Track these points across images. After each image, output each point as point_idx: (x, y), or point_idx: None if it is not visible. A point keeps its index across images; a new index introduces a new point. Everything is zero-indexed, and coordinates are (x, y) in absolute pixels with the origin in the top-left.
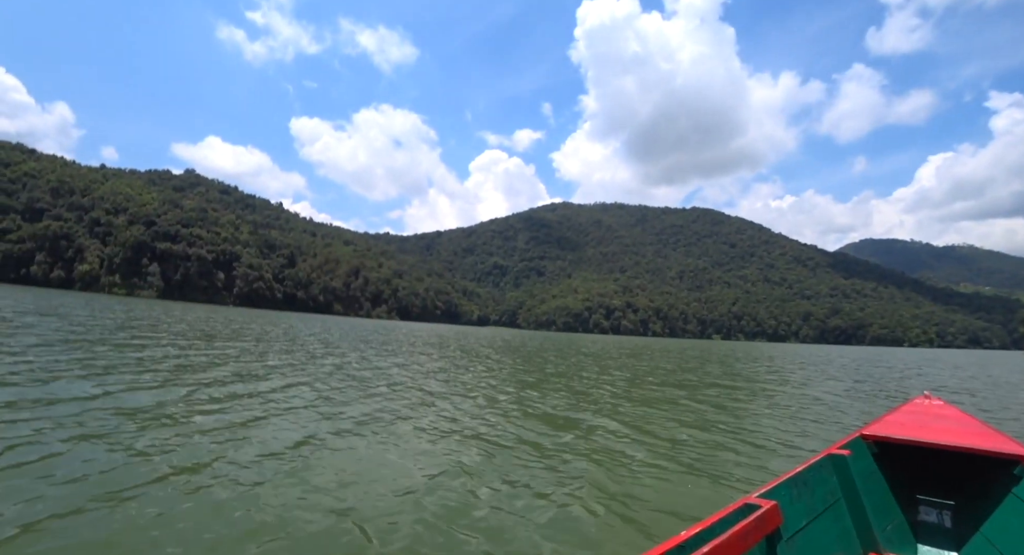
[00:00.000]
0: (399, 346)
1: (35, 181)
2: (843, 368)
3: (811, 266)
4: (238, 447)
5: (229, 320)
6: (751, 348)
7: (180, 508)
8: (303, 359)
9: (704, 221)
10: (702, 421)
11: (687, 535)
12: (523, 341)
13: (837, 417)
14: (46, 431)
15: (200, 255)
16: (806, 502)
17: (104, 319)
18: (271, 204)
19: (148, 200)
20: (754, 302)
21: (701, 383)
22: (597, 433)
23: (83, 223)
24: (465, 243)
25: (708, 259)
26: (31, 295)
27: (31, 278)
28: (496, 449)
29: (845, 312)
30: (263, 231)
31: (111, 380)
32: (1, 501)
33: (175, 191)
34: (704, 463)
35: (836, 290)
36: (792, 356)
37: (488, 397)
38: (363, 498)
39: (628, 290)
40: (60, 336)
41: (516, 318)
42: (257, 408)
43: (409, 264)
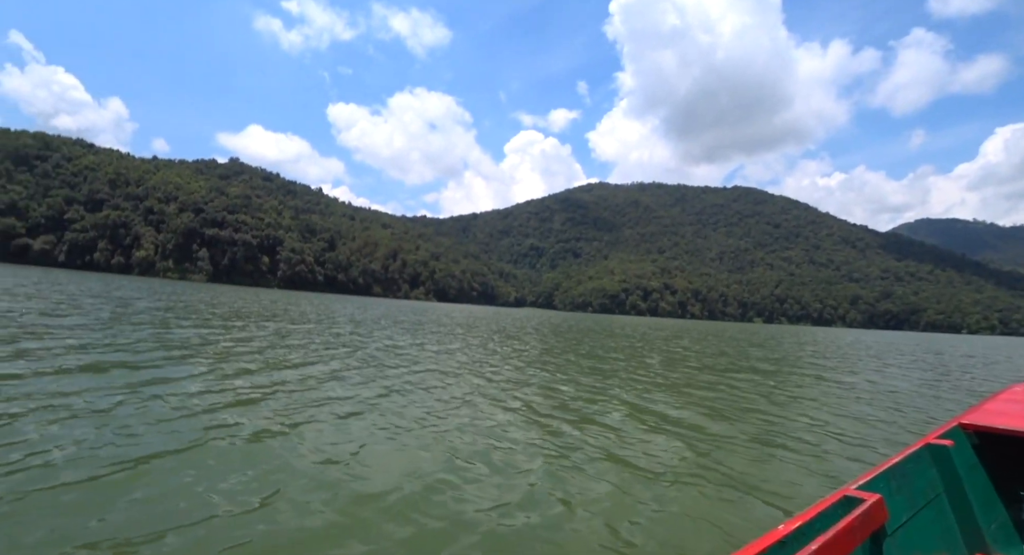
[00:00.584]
0: (444, 327)
1: (94, 173)
2: (905, 354)
3: (860, 247)
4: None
5: (293, 302)
6: (798, 332)
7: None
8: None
9: (746, 200)
10: (755, 409)
11: (786, 530)
12: (560, 322)
13: (915, 407)
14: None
15: (246, 240)
16: (907, 496)
17: (174, 301)
18: (311, 189)
19: (196, 188)
20: (798, 285)
21: (757, 369)
22: (648, 421)
23: (138, 212)
24: (501, 225)
25: (750, 240)
26: (93, 280)
27: (95, 264)
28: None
29: (897, 296)
30: (304, 216)
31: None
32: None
33: (221, 179)
34: (765, 457)
35: (888, 273)
36: (849, 342)
37: (521, 378)
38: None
39: (666, 271)
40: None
41: (552, 300)
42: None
43: (445, 246)
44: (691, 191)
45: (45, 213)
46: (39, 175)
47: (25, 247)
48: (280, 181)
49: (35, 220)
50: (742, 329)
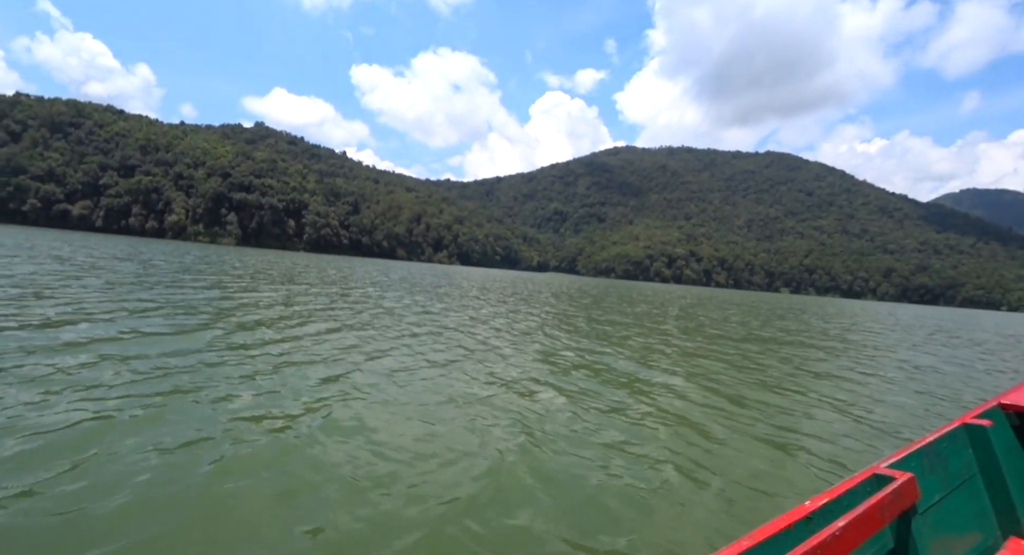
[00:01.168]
0: (460, 289)
1: (125, 139)
2: (943, 330)
3: (898, 218)
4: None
5: (326, 267)
6: (828, 304)
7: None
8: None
9: (778, 166)
10: (786, 384)
11: (813, 506)
12: (580, 288)
13: (950, 387)
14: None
15: (272, 204)
16: (940, 476)
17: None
18: (335, 153)
19: (223, 153)
20: (829, 255)
21: (795, 341)
22: (669, 392)
23: (169, 177)
24: (525, 189)
25: (781, 207)
26: (126, 243)
27: (130, 228)
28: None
29: (934, 269)
30: (329, 180)
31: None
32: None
33: (247, 143)
34: (798, 434)
35: (926, 245)
36: (883, 316)
37: (543, 347)
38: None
39: (692, 238)
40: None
41: (575, 265)
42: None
43: (469, 210)
44: (721, 156)
45: (81, 179)
46: (73, 142)
47: (65, 212)
48: (305, 145)
49: (73, 186)
50: (767, 299)
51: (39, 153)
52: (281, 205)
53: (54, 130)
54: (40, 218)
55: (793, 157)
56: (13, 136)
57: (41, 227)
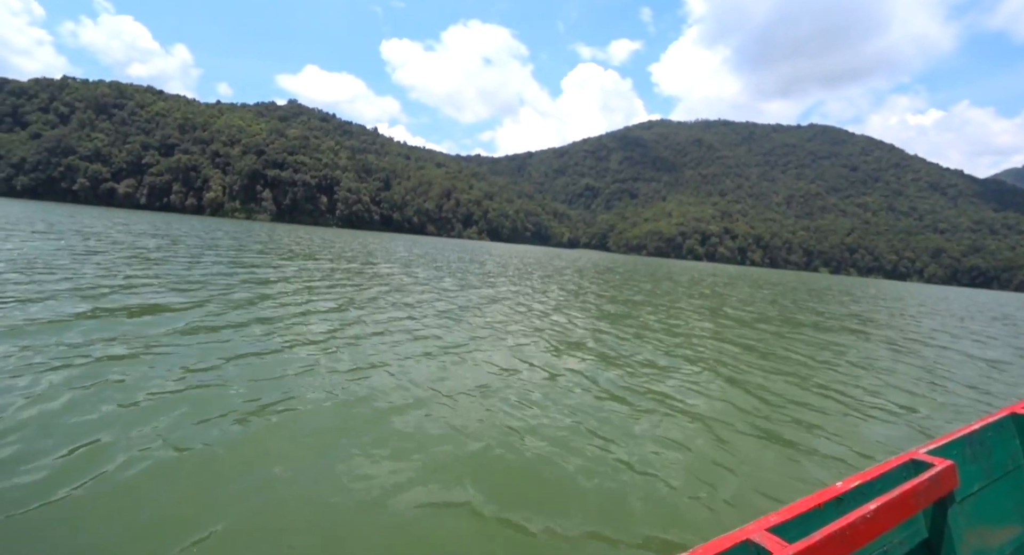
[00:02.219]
0: (482, 264)
1: (165, 119)
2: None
3: (951, 195)
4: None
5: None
6: (869, 285)
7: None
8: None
9: (821, 140)
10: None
11: (845, 488)
12: (608, 265)
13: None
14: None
15: (305, 181)
16: (982, 465)
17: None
18: (367, 129)
19: (257, 131)
20: (873, 234)
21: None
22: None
23: (206, 155)
24: (556, 164)
25: (823, 184)
26: (163, 219)
27: (171, 206)
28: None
29: (989, 250)
30: (360, 156)
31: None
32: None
33: (280, 121)
34: (827, 423)
35: (981, 224)
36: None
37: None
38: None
39: (727, 215)
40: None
41: (606, 241)
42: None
43: (500, 185)
44: (760, 129)
45: (126, 158)
46: (117, 122)
47: (111, 191)
48: (336, 122)
49: (118, 165)
50: (806, 278)
51: (86, 134)
52: (314, 181)
53: (99, 111)
54: (89, 196)
55: (837, 130)
56: (62, 118)
57: (90, 205)
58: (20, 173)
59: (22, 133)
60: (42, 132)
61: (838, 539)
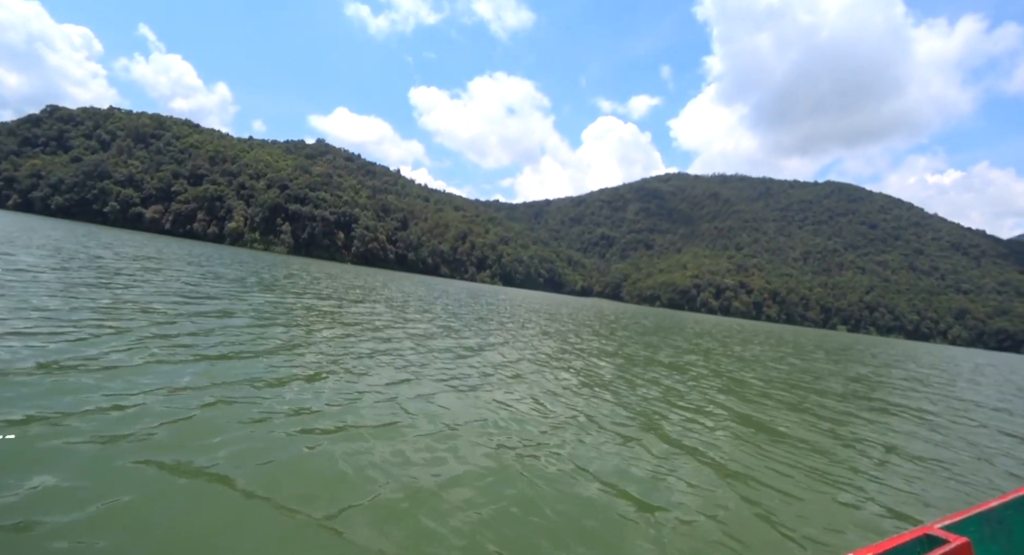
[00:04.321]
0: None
1: (198, 151)
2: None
3: (974, 255)
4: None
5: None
6: (906, 347)
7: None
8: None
9: (839, 197)
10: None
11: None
12: (618, 316)
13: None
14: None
15: (324, 216)
16: (1002, 546)
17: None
18: (389, 171)
19: (283, 166)
20: (893, 292)
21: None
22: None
23: (232, 186)
24: (573, 212)
25: (840, 240)
26: (180, 245)
27: (193, 233)
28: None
29: (1016, 313)
30: (381, 195)
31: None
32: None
33: (307, 158)
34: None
35: (1007, 285)
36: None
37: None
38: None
39: (743, 269)
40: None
41: (620, 291)
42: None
43: (516, 231)
44: (777, 185)
45: (156, 185)
46: (153, 151)
47: (139, 215)
48: (361, 161)
49: (148, 192)
50: (826, 337)
51: (123, 161)
52: (333, 218)
53: (138, 140)
54: (118, 219)
55: (855, 187)
56: (103, 144)
57: (118, 227)
58: (56, 193)
59: (64, 156)
60: (83, 156)
61: None
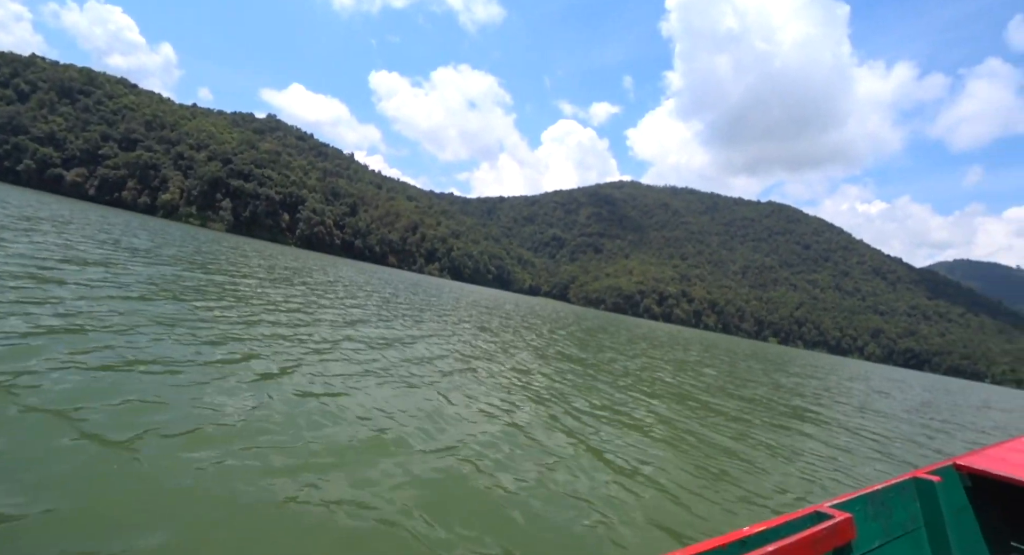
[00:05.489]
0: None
1: (133, 113)
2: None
3: (891, 280)
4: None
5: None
6: (821, 360)
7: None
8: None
9: (779, 217)
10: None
11: (750, 531)
12: (559, 317)
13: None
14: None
15: (269, 195)
16: (882, 523)
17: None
18: (343, 154)
19: (228, 139)
20: (820, 310)
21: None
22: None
23: (169, 155)
24: (527, 212)
25: (776, 258)
26: (111, 214)
27: (121, 202)
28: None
29: (922, 334)
30: (331, 179)
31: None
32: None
33: (255, 133)
34: (747, 474)
35: (916, 310)
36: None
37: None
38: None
39: (686, 278)
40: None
41: (567, 292)
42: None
43: (468, 226)
44: (723, 201)
45: (81, 147)
46: (80, 109)
47: (58, 178)
48: (313, 142)
49: (71, 152)
50: (757, 348)
51: (43, 115)
52: (278, 197)
53: (63, 95)
54: (33, 180)
55: (794, 209)
56: (21, 96)
57: (32, 189)
58: None
59: None
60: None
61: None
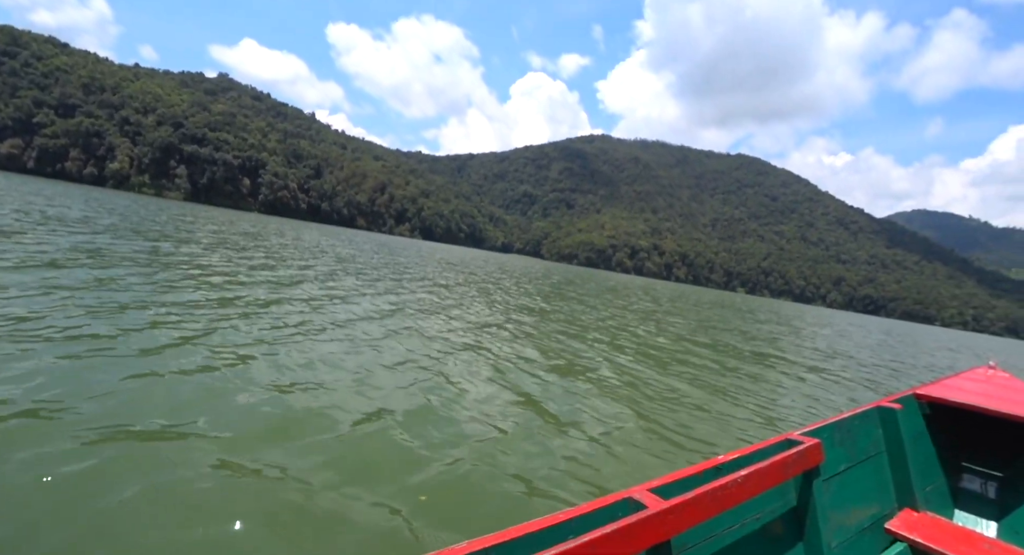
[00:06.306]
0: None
1: (67, 76)
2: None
3: (853, 230)
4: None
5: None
6: (785, 308)
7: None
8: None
9: (748, 170)
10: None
11: (725, 459)
12: (529, 272)
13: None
14: None
15: (226, 160)
16: (848, 448)
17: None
18: (303, 114)
19: (177, 101)
20: (786, 260)
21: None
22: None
23: (113, 121)
24: (497, 168)
25: (745, 210)
26: (50, 186)
27: (66, 173)
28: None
29: (880, 282)
30: (292, 140)
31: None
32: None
33: (206, 94)
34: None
35: (875, 258)
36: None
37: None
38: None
39: (657, 232)
40: None
41: (540, 248)
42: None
43: (437, 184)
44: (694, 154)
45: (12, 115)
46: (5, 73)
47: None
48: (270, 102)
49: (2, 122)
50: (725, 298)
51: None
52: (236, 162)
53: None
54: None
55: (762, 162)
56: None
57: None
58: None
59: None
60: None
61: (709, 498)
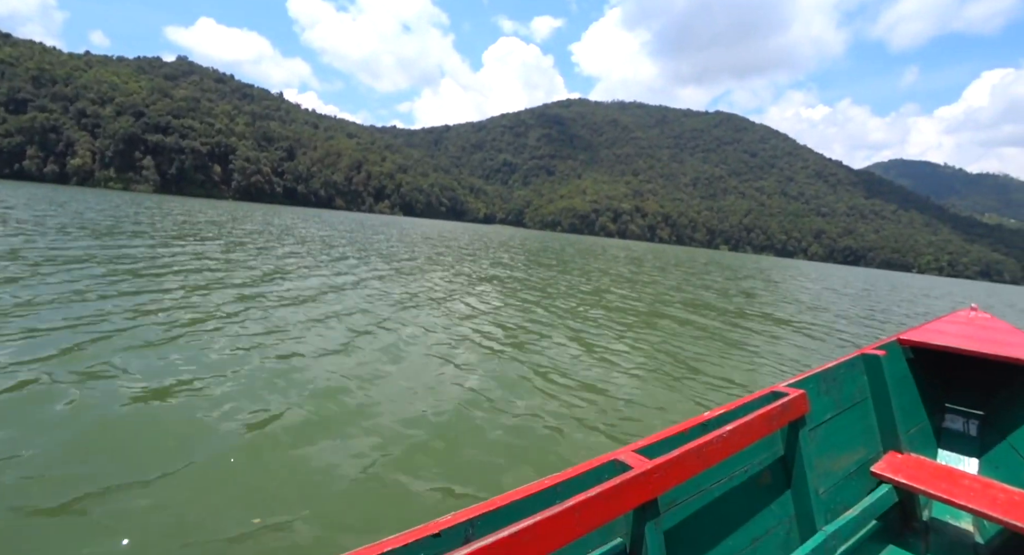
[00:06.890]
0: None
1: (13, 69)
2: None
3: (832, 183)
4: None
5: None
6: (764, 262)
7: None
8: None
9: (727, 127)
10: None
11: (711, 415)
12: (512, 242)
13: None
14: None
15: (194, 148)
16: (834, 397)
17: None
18: (270, 94)
19: (135, 89)
20: (767, 215)
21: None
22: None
23: (69, 114)
24: (474, 139)
25: (725, 167)
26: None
27: (25, 173)
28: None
29: (859, 233)
30: (261, 122)
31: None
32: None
33: (166, 80)
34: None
35: (854, 210)
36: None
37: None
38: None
39: (639, 194)
40: None
41: (522, 217)
42: None
43: (415, 159)
44: (672, 113)
45: None
46: None
47: None
48: (235, 84)
49: None
50: (710, 256)
51: None
52: (205, 149)
53: None
54: None
55: (741, 118)
56: None
57: None
58: None
59: None
60: None
61: (695, 454)
